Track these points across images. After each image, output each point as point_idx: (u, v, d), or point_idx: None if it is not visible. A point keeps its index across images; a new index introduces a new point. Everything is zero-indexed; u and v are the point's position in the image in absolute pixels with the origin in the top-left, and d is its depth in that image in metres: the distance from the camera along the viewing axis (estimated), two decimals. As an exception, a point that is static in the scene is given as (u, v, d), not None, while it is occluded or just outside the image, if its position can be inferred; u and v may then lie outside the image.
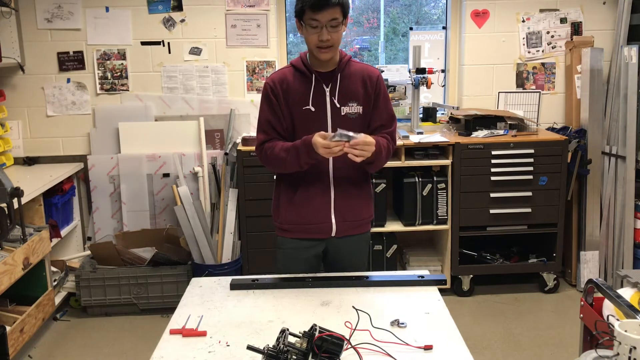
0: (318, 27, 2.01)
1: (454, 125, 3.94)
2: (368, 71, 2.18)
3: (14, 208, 2.87)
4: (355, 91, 2.14)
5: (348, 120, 2.13)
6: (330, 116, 2.13)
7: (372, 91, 2.16)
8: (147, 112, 3.96)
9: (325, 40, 2.02)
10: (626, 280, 1.89)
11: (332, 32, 2.03)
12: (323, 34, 2.01)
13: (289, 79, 2.14)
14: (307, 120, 2.12)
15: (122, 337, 3.41)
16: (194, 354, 1.61)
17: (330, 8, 1.99)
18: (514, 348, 3.19)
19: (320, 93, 2.13)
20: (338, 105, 2.13)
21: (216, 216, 3.76)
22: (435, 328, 1.73)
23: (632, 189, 3.72)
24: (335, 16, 2.01)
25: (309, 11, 2.00)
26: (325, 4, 1.98)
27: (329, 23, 2.01)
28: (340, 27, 2.05)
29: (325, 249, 2.25)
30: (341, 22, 2.04)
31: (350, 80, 2.14)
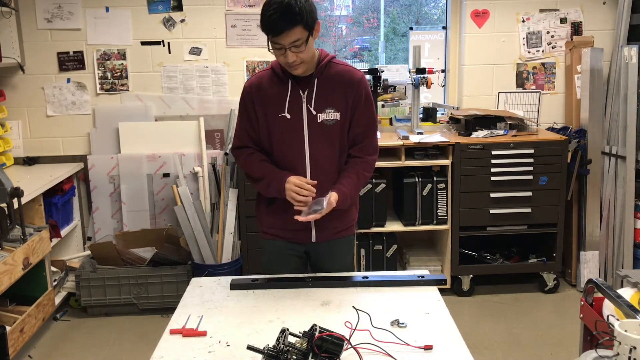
0: (281, 49, 1.92)
1: (454, 125, 3.94)
2: (349, 74, 2.08)
3: (14, 208, 2.87)
4: (333, 97, 2.06)
5: (325, 128, 2.06)
6: (307, 123, 2.06)
7: (351, 96, 2.07)
8: (147, 112, 3.96)
9: (292, 62, 1.94)
10: (626, 280, 1.89)
11: (298, 52, 1.92)
12: (288, 57, 1.92)
13: (266, 84, 2.07)
14: (283, 127, 2.07)
15: (122, 337, 3.41)
16: (194, 354, 1.61)
17: (289, 31, 1.87)
18: (514, 348, 3.19)
19: (296, 99, 2.06)
20: (314, 113, 2.05)
21: (216, 216, 3.76)
22: (435, 328, 1.73)
23: (632, 189, 3.72)
24: (298, 37, 1.89)
25: (269, 35, 1.92)
26: (283, 29, 1.87)
27: (291, 45, 1.90)
28: (306, 45, 1.93)
29: (307, 252, 2.24)
30: (306, 40, 1.92)
31: (329, 85, 2.06)
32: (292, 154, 2.09)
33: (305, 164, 2.09)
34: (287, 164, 2.10)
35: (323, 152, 2.09)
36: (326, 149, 2.09)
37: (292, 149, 2.08)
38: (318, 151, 2.08)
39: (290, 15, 1.85)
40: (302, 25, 1.88)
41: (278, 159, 2.11)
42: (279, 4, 1.86)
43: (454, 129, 3.91)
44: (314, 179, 2.06)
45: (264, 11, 1.90)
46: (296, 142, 2.07)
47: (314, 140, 2.07)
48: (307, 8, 1.89)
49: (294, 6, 1.85)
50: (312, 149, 2.08)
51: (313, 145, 2.08)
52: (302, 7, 1.87)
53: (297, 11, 1.85)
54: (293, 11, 1.85)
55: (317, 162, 2.09)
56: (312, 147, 2.08)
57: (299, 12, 1.86)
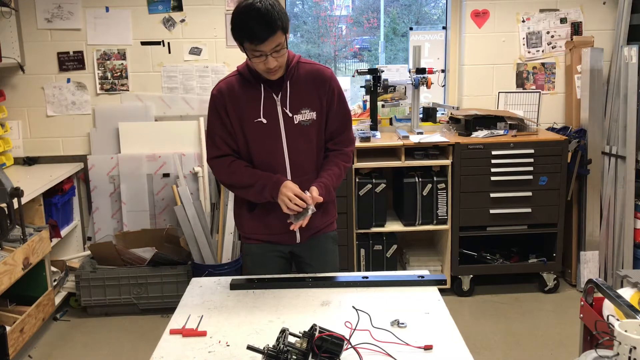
0: (262, 56, 1.89)
1: (454, 125, 3.94)
2: (319, 73, 2.07)
3: (14, 208, 2.87)
4: (306, 97, 2.05)
5: (302, 129, 2.06)
6: (284, 126, 2.05)
7: (324, 94, 2.07)
8: (147, 112, 3.96)
9: (273, 67, 1.92)
10: (626, 280, 1.89)
11: (278, 57, 1.91)
12: (269, 63, 1.90)
13: (237, 89, 2.04)
14: (260, 132, 2.04)
15: (122, 337, 3.41)
16: (194, 354, 1.61)
17: (271, 37, 1.85)
18: (514, 348, 3.19)
19: (270, 103, 2.03)
20: (290, 115, 2.04)
21: (216, 216, 3.76)
22: (435, 328, 1.73)
23: (632, 189, 3.72)
24: (278, 42, 1.87)
25: (249, 43, 1.87)
26: (267, 36, 1.84)
27: (273, 50, 1.88)
28: (285, 48, 1.93)
29: (292, 252, 2.24)
30: (285, 44, 1.91)
31: (301, 86, 2.05)
32: (271, 158, 2.07)
33: (285, 166, 2.08)
34: (266, 168, 2.08)
35: (302, 153, 2.09)
36: (305, 149, 2.09)
37: (271, 153, 2.07)
38: (297, 152, 2.08)
39: (270, 21, 1.83)
40: (281, 29, 1.87)
41: (257, 164, 2.09)
42: (256, 11, 1.83)
43: (454, 129, 3.91)
44: (295, 180, 2.06)
45: (241, 19, 1.86)
46: (274, 146, 2.06)
47: (292, 142, 2.06)
48: (282, 11, 1.88)
49: (271, 12, 1.83)
50: (290, 151, 2.07)
51: (292, 147, 2.07)
52: (279, 11, 1.86)
53: (276, 16, 1.84)
54: (273, 17, 1.83)
55: (297, 163, 2.09)
56: (291, 149, 2.07)
57: (278, 17, 1.85)
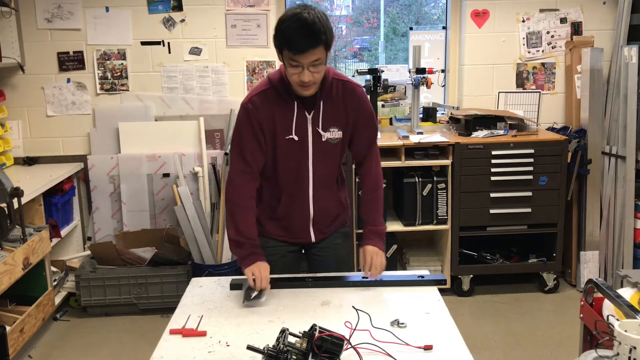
0: (299, 67, 1.85)
1: (454, 125, 3.94)
2: (350, 91, 2.05)
3: (14, 208, 2.87)
4: (337, 116, 2.04)
5: (329, 147, 2.07)
6: (312, 144, 2.05)
7: (353, 113, 2.06)
8: (147, 112, 3.96)
9: (308, 81, 1.87)
10: (626, 280, 1.89)
11: (315, 72, 1.87)
12: (304, 76, 1.86)
13: (271, 104, 2.00)
14: (288, 148, 2.04)
15: (122, 337, 3.41)
16: (194, 354, 1.61)
17: (311, 50, 1.81)
18: (514, 348, 3.19)
19: (302, 120, 2.02)
20: (320, 132, 2.04)
21: (216, 216, 3.76)
22: (435, 328, 1.73)
23: (632, 189, 3.72)
24: (318, 57, 1.84)
25: (288, 52, 1.85)
26: (308, 47, 1.81)
27: (311, 64, 1.84)
28: (323, 65, 1.89)
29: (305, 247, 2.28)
30: (325, 60, 1.88)
31: (333, 105, 2.03)
32: (295, 173, 2.09)
33: (308, 182, 2.10)
34: (289, 182, 2.11)
35: (325, 169, 2.12)
36: (328, 165, 2.12)
37: (296, 168, 2.08)
38: (321, 168, 2.10)
39: (314, 34, 1.80)
40: (324, 45, 1.83)
41: (281, 175, 2.10)
42: (302, 20, 1.80)
43: (454, 129, 3.91)
44: (316, 194, 2.12)
45: (285, 27, 1.83)
46: (301, 162, 2.07)
47: (318, 158, 2.08)
48: (328, 27, 1.85)
49: (318, 25, 1.80)
50: (315, 167, 2.09)
51: (316, 164, 2.08)
52: (325, 26, 1.83)
53: (322, 30, 1.81)
54: (318, 30, 1.80)
55: (320, 179, 2.11)
56: (316, 165, 2.08)
57: (323, 31, 1.81)
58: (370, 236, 2.14)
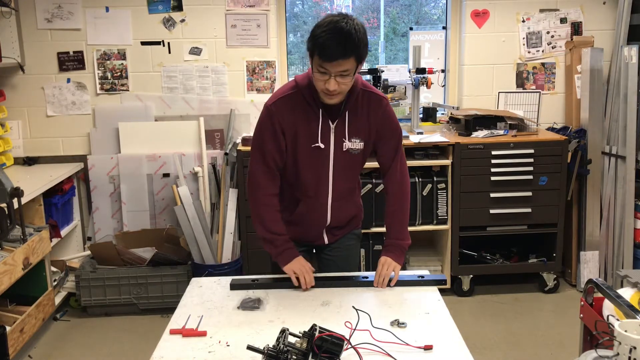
0: (326, 75, 1.83)
1: (454, 125, 3.94)
2: (375, 103, 2.03)
3: (14, 208, 2.87)
4: (360, 127, 2.03)
5: (350, 157, 2.05)
6: (333, 153, 2.03)
7: (376, 125, 2.04)
8: (147, 112, 3.96)
9: (333, 90, 1.85)
10: (626, 280, 1.89)
11: (341, 82, 1.84)
12: (330, 84, 1.83)
13: (296, 109, 1.98)
14: (310, 156, 2.03)
15: (122, 337, 3.41)
16: (194, 354, 1.61)
17: (341, 60, 1.79)
18: (514, 348, 3.19)
19: (326, 129, 2.00)
20: (342, 142, 2.02)
21: (216, 216, 3.76)
22: (435, 328, 1.73)
23: (632, 189, 3.72)
24: (347, 67, 1.81)
25: (318, 57, 1.81)
26: (339, 57, 1.78)
27: (338, 74, 1.82)
28: (352, 76, 1.86)
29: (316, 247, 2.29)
30: (353, 72, 1.85)
31: (357, 116, 2.01)
32: (316, 181, 2.08)
33: (327, 190, 2.10)
34: (309, 189, 2.10)
35: (345, 178, 2.11)
36: (349, 174, 2.11)
37: (316, 176, 2.07)
38: (341, 178, 2.09)
39: (348, 44, 1.77)
40: (355, 57, 1.81)
41: (302, 184, 2.10)
42: (339, 29, 1.78)
43: (454, 129, 3.91)
44: (334, 203, 2.12)
45: (319, 32, 1.80)
46: (321, 171, 2.06)
47: (338, 167, 2.07)
48: (364, 41, 1.83)
49: (353, 36, 1.78)
50: (335, 176, 2.08)
51: (337, 173, 2.08)
52: (361, 39, 1.81)
53: (356, 42, 1.79)
54: (352, 41, 1.78)
55: (339, 188, 2.11)
56: (336, 175, 2.08)
57: (357, 44, 1.79)
58: (390, 248, 2.13)
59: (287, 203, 2.16)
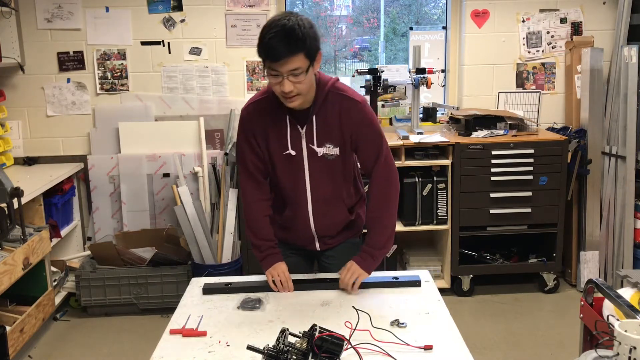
0: (278, 77, 1.76)
1: (454, 125, 3.94)
2: (346, 106, 1.93)
3: (14, 208, 2.87)
4: (331, 132, 1.94)
5: (327, 163, 1.98)
6: (307, 159, 1.97)
7: (349, 129, 1.94)
8: (147, 112, 3.96)
9: (288, 92, 1.78)
10: (626, 280, 1.89)
11: (296, 82, 1.76)
12: (284, 85, 1.76)
13: (265, 116, 1.94)
14: (284, 163, 1.99)
15: (122, 337, 3.41)
16: (194, 354, 1.61)
17: (289, 57, 1.71)
18: (514, 348, 3.19)
19: (296, 135, 1.95)
20: (316, 149, 1.95)
21: (216, 216, 3.76)
22: (435, 328, 1.73)
23: (632, 189, 3.72)
24: (298, 65, 1.73)
25: (266, 60, 1.76)
26: (283, 55, 1.71)
27: (289, 73, 1.74)
28: (306, 75, 1.77)
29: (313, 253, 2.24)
30: (306, 70, 1.76)
31: (327, 119, 1.93)
32: (293, 189, 2.04)
33: (306, 199, 2.04)
34: (289, 197, 2.06)
35: (326, 185, 2.03)
36: (328, 182, 2.03)
37: (294, 183, 2.03)
38: (321, 185, 2.02)
39: (292, 41, 1.71)
40: (304, 53, 1.73)
41: (282, 189, 2.07)
42: (280, 27, 1.71)
43: (454, 129, 3.91)
44: (317, 211, 2.06)
45: (263, 34, 1.75)
46: (297, 177, 2.01)
47: (316, 175, 2.00)
48: (310, 35, 1.75)
49: (297, 31, 1.71)
50: (313, 183, 2.02)
51: (314, 180, 2.01)
52: (306, 33, 1.73)
53: (300, 37, 1.71)
54: (295, 37, 1.71)
55: (321, 195, 2.04)
56: (314, 182, 2.01)
57: (302, 39, 1.72)
58: (363, 255, 2.01)
59: (278, 205, 2.14)
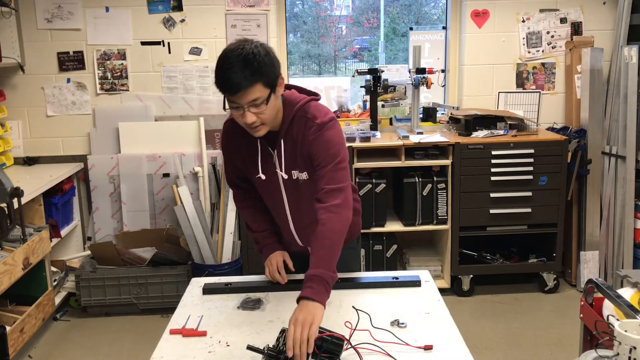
0: (240, 109, 1.68)
1: (454, 125, 3.94)
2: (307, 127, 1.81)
3: (14, 208, 2.87)
4: (296, 156, 1.85)
5: (301, 185, 1.89)
6: (282, 183, 1.91)
7: (307, 151, 1.82)
8: (147, 112, 3.96)
9: (251, 123, 1.70)
10: (626, 280, 1.89)
11: (258, 113, 1.69)
12: (247, 117, 1.68)
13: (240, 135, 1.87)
14: (261, 185, 1.95)
15: (122, 337, 3.41)
16: (194, 354, 1.61)
17: (247, 89, 1.63)
18: (514, 348, 3.19)
19: (268, 158, 1.89)
20: (285, 176, 1.88)
21: (216, 216, 3.76)
22: (435, 328, 1.72)
23: (632, 189, 3.72)
24: (257, 96, 1.65)
25: (224, 93, 1.68)
26: (240, 86, 1.63)
27: (250, 104, 1.66)
28: (267, 104, 1.68)
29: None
30: (267, 99, 1.68)
31: (293, 144, 1.84)
32: (274, 207, 2.02)
33: (287, 219, 2.01)
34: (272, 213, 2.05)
35: (303, 206, 1.94)
36: (305, 202, 1.91)
37: (273, 204, 2.01)
38: (299, 206, 1.96)
39: (248, 71, 1.62)
40: (262, 82, 1.65)
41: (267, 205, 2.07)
42: (236, 57, 1.63)
43: (454, 129, 3.91)
44: (300, 231, 2.01)
45: (219, 65, 1.67)
46: (275, 199, 1.97)
47: (292, 197, 1.94)
48: (267, 62, 1.66)
49: (252, 61, 1.63)
50: (291, 205, 1.97)
51: (292, 202, 1.96)
52: (262, 61, 1.64)
53: (257, 67, 1.63)
54: (252, 67, 1.62)
55: (301, 217, 1.99)
56: (292, 203, 1.96)
57: (258, 68, 1.63)
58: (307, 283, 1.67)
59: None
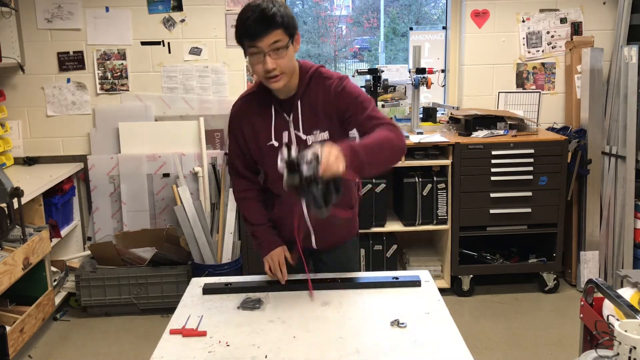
0: (260, 54, 1.76)
1: (454, 125, 3.94)
2: (327, 86, 1.90)
3: (14, 208, 2.87)
4: (316, 116, 1.90)
5: None
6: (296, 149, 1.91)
7: (332, 108, 1.89)
8: (147, 112, 3.96)
9: (271, 70, 1.77)
10: (626, 280, 1.89)
11: (278, 59, 1.77)
12: (267, 63, 1.76)
13: (253, 109, 1.95)
14: (273, 155, 1.85)
15: (122, 337, 3.41)
16: (194, 354, 1.61)
17: (268, 32, 1.73)
18: (514, 348, 3.19)
19: (282, 124, 1.93)
20: (303, 137, 1.92)
21: (216, 216, 3.76)
22: (435, 328, 1.72)
23: (632, 189, 3.72)
24: (277, 38, 1.75)
25: (246, 40, 1.77)
26: (263, 29, 1.73)
27: (270, 48, 1.75)
28: (287, 50, 1.78)
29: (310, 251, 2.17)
30: (286, 45, 1.77)
31: (312, 105, 1.90)
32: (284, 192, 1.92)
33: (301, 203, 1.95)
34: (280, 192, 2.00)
35: None
36: None
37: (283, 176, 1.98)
38: None
39: (270, 16, 1.74)
40: (282, 28, 1.75)
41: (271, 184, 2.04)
42: (257, 6, 1.75)
43: (454, 129, 3.91)
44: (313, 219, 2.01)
45: (240, 17, 1.78)
46: None
47: None
48: (287, 14, 1.78)
49: (274, 9, 1.75)
50: None
51: None
52: (283, 12, 1.76)
53: (277, 13, 1.75)
54: (272, 12, 1.74)
55: None
56: None
57: (279, 14, 1.75)
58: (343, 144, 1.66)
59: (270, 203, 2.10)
